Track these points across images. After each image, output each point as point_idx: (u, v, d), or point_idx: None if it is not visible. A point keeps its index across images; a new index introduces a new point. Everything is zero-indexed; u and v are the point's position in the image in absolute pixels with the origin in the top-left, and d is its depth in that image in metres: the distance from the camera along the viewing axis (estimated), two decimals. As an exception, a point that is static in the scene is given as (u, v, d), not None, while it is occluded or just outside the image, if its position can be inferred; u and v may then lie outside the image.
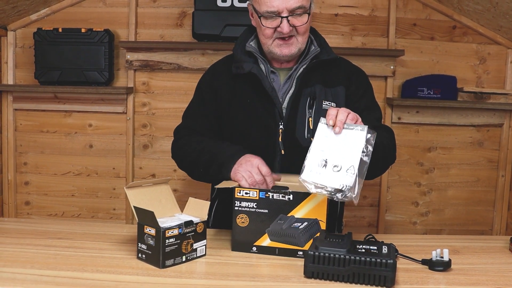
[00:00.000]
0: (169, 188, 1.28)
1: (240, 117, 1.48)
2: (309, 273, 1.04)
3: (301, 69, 1.46)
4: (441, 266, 1.11)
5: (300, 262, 1.06)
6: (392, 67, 2.58)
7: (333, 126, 1.14)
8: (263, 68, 1.47)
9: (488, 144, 2.69)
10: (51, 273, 1.04)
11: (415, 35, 2.63)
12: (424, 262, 1.14)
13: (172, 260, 1.09)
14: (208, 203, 1.21)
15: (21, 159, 2.71)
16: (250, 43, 1.50)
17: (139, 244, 1.12)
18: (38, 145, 2.69)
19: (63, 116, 2.67)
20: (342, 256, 1.01)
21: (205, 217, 1.18)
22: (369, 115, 1.46)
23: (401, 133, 2.67)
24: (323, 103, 1.45)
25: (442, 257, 1.12)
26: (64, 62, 2.50)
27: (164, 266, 1.08)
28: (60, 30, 2.49)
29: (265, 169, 1.26)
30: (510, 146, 2.67)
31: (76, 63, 2.50)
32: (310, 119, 1.44)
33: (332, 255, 1.01)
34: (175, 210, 1.26)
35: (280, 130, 1.44)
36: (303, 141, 1.43)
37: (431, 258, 1.13)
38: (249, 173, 1.24)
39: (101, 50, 2.50)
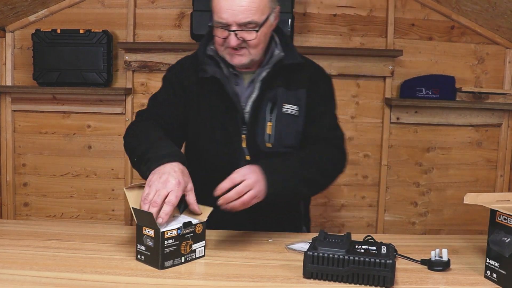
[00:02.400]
0: None
1: (205, 121, 1.44)
2: (308, 274, 1.04)
3: (264, 73, 1.41)
4: (440, 266, 1.11)
5: (300, 263, 1.06)
6: (390, 67, 2.59)
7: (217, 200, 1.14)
8: (225, 71, 1.42)
9: (486, 144, 2.69)
10: (50, 274, 1.03)
11: (413, 35, 2.64)
12: (423, 262, 1.14)
13: (171, 261, 1.09)
14: (211, 208, 1.20)
15: (19, 160, 2.70)
16: (211, 46, 1.45)
17: (138, 245, 1.11)
18: (36, 146, 2.69)
19: (62, 117, 2.67)
20: (341, 257, 1.01)
21: (204, 219, 1.18)
22: (321, 122, 1.45)
23: (400, 133, 2.67)
24: (284, 106, 1.42)
25: (441, 257, 1.12)
26: (62, 63, 2.49)
27: (163, 267, 1.07)
28: (58, 31, 2.49)
29: (171, 197, 1.10)
30: (508, 146, 2.68)
31: (74, 64, 2.49)
32: (269, 124, 1.41)
33: (331, 255, 1.01)
34: (174, 211, 1.25)
35: (243, 136, 1.41)
36: (263, 147, 1.40)
37: (430, 258, 1.13)
38: (155, 192, 1.11)
39: (100, 51, 2.50)
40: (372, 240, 1.22)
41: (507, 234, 1.01)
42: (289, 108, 1.42)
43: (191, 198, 1.18)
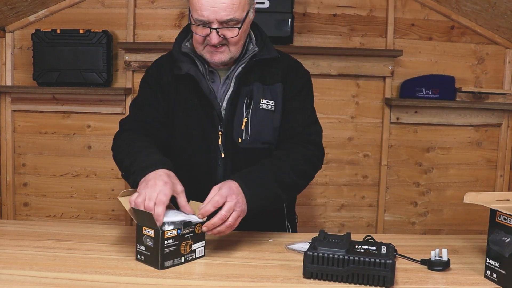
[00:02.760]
0: None
1: (181, 118, 1.43)
2: (308, 274, 1.04)
3: (240, 69, 1.41)
4: (440, 266, 1.11)
5: (300, 263, 1.06)
6: (390, 67, 2.59)
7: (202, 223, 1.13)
8: (200, 68, 1.41)
9: (486, 144, 2.69)
10: (50, 274, 1.03)
11: (413, 35, 2.64)
12: (423, 262, 1.14)
13: (171, 261, 1.09)
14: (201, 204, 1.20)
15: (19, 160, 2.70)
16: (186, 44, 1.44)
17: (138, 245, 1.11)
18: (36, 146, 2.69)
19: (62, 117, 2.67)
20: (341, 257, 1.01)
21: (204, 218, 1.18)
22: (295, 117, 1.43)
23: (400, 133, 2.67)
24: (261, 102, 1.41)
25: (441, 257, 1.12)
26: (62, 63, 2.49)
27: (163, 267, 1.08)
28: (58, 31, 2.49)
29: (161, 197, 1.11)
30: (508, 146, 2.68)
31: (74, 64, 2.49)
32: (245, 119, 1.39)
33: (331, 255, 1.01)
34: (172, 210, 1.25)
35: (220, 133, 1.40)
36: (240, 143, 1.39)
37: (430, 258, 1.13)
38: (144, 196, 1.11)
39: (100, 51, 2.50)
40: (372, 240, 1.23)
41: (507, 234, 1.01)
42: (266, 103, 1.41)
43: (182, 200, 1.17)
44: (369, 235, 1.28)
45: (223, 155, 1.40)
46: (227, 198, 1.15)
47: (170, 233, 1.08)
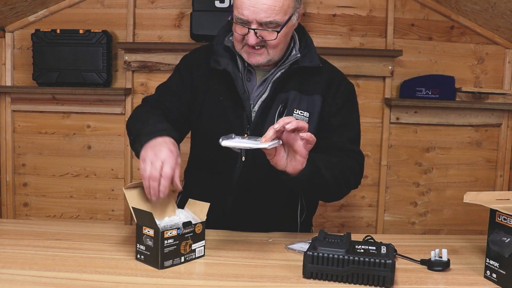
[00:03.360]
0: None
1: (209, 114, 1.40)
2: (308, 274, 1.04)
3: (278, 74, 1.36)
4: (440, 266, 1.11)
5: (299, 263, 1.06)
6: (390, 68, 2.59)
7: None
8: (240, 65, 1.38)
9: (486, 144, 2.69)
10: (50, 274, 1.03)
11: (413, 35, 2.64)
12: (423, 262, 1.14)
13: (171, 261, 1.09)
14: (208, 204, 1.19)
15: (19, 161, 2.70)
16: (230, 38, 1.39)
17: (138, 245, 1.12)
18: (36, 146, 2.69)
19: (62, 117, 2.67)
20: (341, 257, 1.01)
21: (204, 218, 1.18)
22: (342, 134, 1.37)
23: (400, 134, 2.67)
24: (295, 111, 1.35)
25: (440, 257, 1.12)
26: (62, 63, 2.49)
27: (163, 267, 1.08)
28: (58, 31, 2.49)
29: (166, 169, 1.10)
30: (508, 146, 2.68)
31: (74, 64, 2.49)
32: None
33: (331, 255, 1.01)
34: (174, 210, 1.26)
35: (246, 135, 1.33)
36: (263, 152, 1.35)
37: (430, 258, 1.13)
38: (150, 165, 1.11)
39: (99, 51, 2.50)
40: (372, 240, 1.23)
41: (507, 234, 1.01)
42: (299, 114, 1.35)
43: (176, 172, 1.15)
44: (369, 235, 1.28)
45: (243, 158, 1.37)
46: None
47: (170, 233, 1.08)
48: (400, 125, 2.67)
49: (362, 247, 1.06)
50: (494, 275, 1.04)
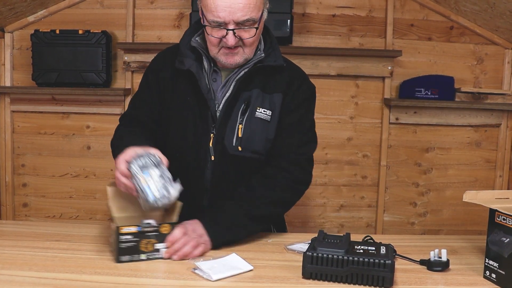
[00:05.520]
0: None
1: (177, 115, 1.40)
2: (308, 274, 1.04)
3: (242, 72, 1.36)
4: (439, 266, 1.11)
5: (299, 263, 1.06)
6: (389, 68, 2.59)
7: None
8: (206, 65, 1.38)
9: (485, 144, 2.70)
10: (49, 275, 1.03)
11: (412, 36, 2.64)
12: (422, 262, 1.15)
13: (129, 256, 1.12)
14: (180, 204, 1.22)
15: (18, 161, 2.70)
16: (196, 38, 1.40)
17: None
18: (35, 146, 2.69)
19: (61, 118, 2.67)
20: (340, 257, 1.01)
21: (175, 219, 1.20)
22: (293, 134, 1.38)
23: (399, 134, 2.68)
24: (257, 110, 1.36)
25: (440, 257, 1.12)
26: (61, 63, 2.49)
27: (119, 261, 1.11)
28: (57, 31, 2.49)
29: (121, 166, 1.21)
30: (507, 146, 2.68)
31: (73, 64, 2.49)
32: (240, 126, 1.35)
33: (330, 256, 1.01)
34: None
35: (212, 135, 1.36)
36: (230, 149, 1.35)
37: (429, 259, 1.13)
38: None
39: (99, 52, 2.50)
40: (371, 241, 1.23)
41: (506, 234, 1.01)
42: (262, 113, 1.36)
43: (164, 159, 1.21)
44: (369, 236, 1.28)
45: (213, 158, 1.37)
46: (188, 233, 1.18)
47: (128, 229, 1.12)
48: (400, 126, 2.67)
49: (362, 247, 1.06)
50: (494, 275, 1.04)
